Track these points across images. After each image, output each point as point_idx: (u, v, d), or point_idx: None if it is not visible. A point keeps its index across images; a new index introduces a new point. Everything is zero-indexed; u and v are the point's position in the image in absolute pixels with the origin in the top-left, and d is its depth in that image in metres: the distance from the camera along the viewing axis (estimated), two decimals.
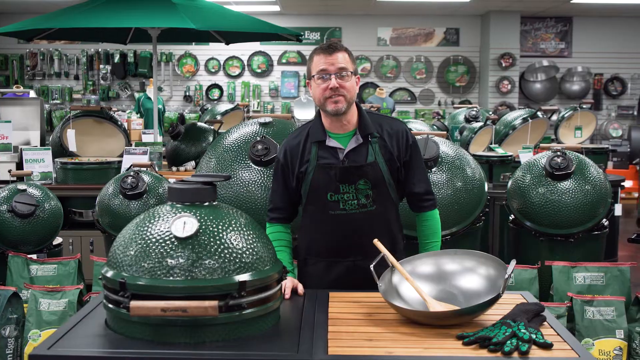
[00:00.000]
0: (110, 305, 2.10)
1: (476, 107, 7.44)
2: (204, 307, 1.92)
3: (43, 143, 6.64)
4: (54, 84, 12.77)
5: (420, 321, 2.19)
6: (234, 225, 2.14)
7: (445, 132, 4.62)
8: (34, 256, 3.93)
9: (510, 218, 4.36)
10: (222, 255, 2.05)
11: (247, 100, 12.76)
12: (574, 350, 1.99)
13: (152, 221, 2.12)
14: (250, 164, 3.71)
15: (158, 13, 5.44)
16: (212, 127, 7.15)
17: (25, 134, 6.60)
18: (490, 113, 8.25)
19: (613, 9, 12.09)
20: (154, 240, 2.06)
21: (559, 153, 4.07)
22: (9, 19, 11.37)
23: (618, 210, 5.32)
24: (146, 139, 7.34)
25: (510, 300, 2.35)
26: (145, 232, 2.10)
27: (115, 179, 4.28)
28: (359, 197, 2.71)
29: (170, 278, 2.00)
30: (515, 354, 1.95)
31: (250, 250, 2.11)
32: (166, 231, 2.07)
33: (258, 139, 3.73)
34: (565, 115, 7.17)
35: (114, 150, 6.34)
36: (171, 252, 2.03)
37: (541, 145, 4.66)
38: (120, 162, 5.82)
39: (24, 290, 3.67)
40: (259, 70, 12.93)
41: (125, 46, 11.83)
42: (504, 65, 12.47)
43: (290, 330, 2.15)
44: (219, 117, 8.99)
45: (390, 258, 2.41)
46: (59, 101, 12.64)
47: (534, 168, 4.16)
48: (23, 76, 12.74)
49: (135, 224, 2.18)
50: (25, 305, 3.59)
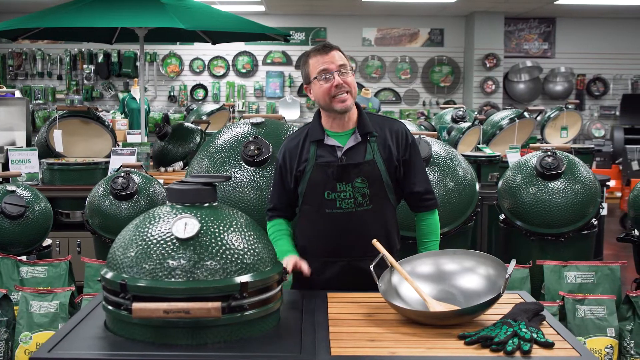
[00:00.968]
0: (110, 307, 2.09)
1: (463, 108, 7.48)
2: (207, 309, 1.91)
3: (29, 144, 6.58)
4: (36, 84, 12.67)
5: (421, 321, 2.19)
6: (234, 226, 2.13)
7: (436, 132, 4.64)
8: (24, 258, 3.89)
9: (500, 218, 4.38)
10: (224, 256, 2.04)
11: (232, 100, 12.73)
12: (575, 349, 2.00)
13: (153, 222, 2.11)
14: (243, 164, 3.69)
15: (147, 13, 5.41)
16: (199, 128, 7.13)
17: (10, 134, 6.55)
18: (475, 113, 8.30)
19: (596, 10, 12.20)
20: (154, 241, 2.05)
21: (549, 153, 4.10)
22: None
23: (604, 209, 5.37)
24: (131, 139, 7.30)
25: (508, 300, 2.36)
26: (145, 233, 2.08)
27: (105, 180, 4.25)
28: (355, 196, 2.70)
29: (172, 279, 1.98)
30: (517, 354, 1.95)
31: (252, 251, 2.11)
32: (167, 232, 2.06)
33: (250, 139, 3.71)
34: (552, 116, 7.22)
35: (101, 150, 6.29)
36: (172, 254, 2.02)
37: (531, 145, 4.69)
38: (107, 163, 5.77)
39: (14, 293, 3.64)
40: (243, 71, 12.91)
41: (110, 46, 11.76)
42: (488, 65, 12.54)
43: (291, 331, 2.15)
44: (204, 117, 8.97)
45: (390, 258, 2.41)
46: (41, 101, 12.54)
47: (525, 168, 4.18)
48: (5, 76, 12.62)
49: (135, 225, 2.16)
50: (15, 307, 3.56)
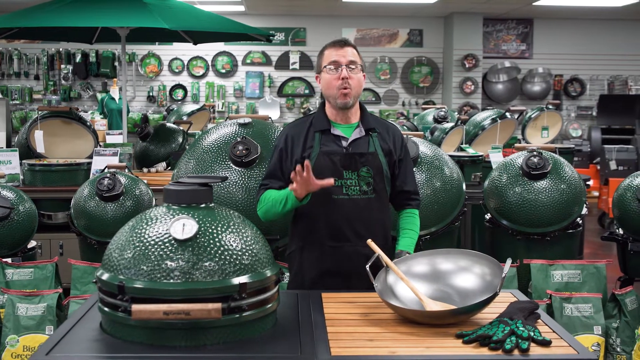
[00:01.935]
0: (106, 309, 2.07)
1: (444, 108, 7.51)
2: (207, 310, 1.91)
3: (9, 144, 6.50)
4: (13, 84, 12.51)
5: (418, 320, 2.20)
6: (232, 227, 2.13)
7: (422, 133, 4.66)
8: (9, 260, 3.84)
9: (486, 217, 4.40)
10: (223, 257, 2.03)
11: (212, 100, 12.67)
12: (572, 346, 2.02)
13: (150, 223, 2.10)
14: (231, 164, 3.68)
15: (130, 13, 5.37)
16: (182, 128, 7.10)
17: None
18: (456, 113, 8.34)
19: (572, 11, 12.32)
20: (152, 242, 2.03)
21: (535, 153, 4.13)
22: None
23: (584, 209, 5.42)
24: (110, 139, 7.23)
25: (501, 299, 2.37)
26: (142, 235, 2.07)
27: (90, 181, 4.21)
28: (360, 184, 2.81)
29: (171, 281, 1.97)
30: (515, 352, 1.97)
31: (249, 251, 2.10)
32: (165, 233, 2.05)
33: (238, 139, 3.71)
34: (532, 116, 7.28)
35: (83, 151, 6.23)
36: (171, 255, 2.00)
37: (516, 145, 4.72)
38: (89, 164, 5.72)
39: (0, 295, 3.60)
40: (223, 71, 12.86)
41: (88, 46, 11.65)
42: (467, 66, 12.61)
43: (289, 331, 2.15)
44: (185, 118, 8.93)
45: (385, 258, 2.42)
46: (18, 101, 12.39)
47: (511, 168, 4.21)
48: None
49: (131, 227, 2.15)
50: (1, 310, 3.52)
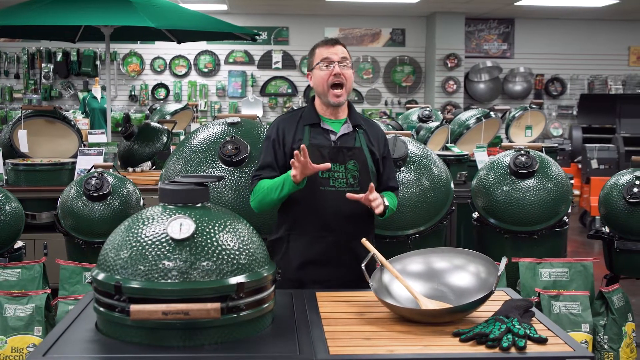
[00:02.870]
0: (102, 309, 2.06)
1: (429, 107, 7.54)
2: (207, 310, 1.90)
3: None
4: None
5: (414, 319, 2.21)
6: (229, 226, 2.12)
7: (410, 132, 4.67)
8: None
9: (474, 216, 4.43)
10: (220, 256, 2.02)
11: (194, 99, 12.62)
12: (567, 344, 2.04)
13: (146, 223, 2.09)
14: (220, 164, 3.67)
15: (115, 11, 5.34)
16: (166, 127, 7.07)
17: None
18: (439, 112, 8.37)
19: (553, 11, 12.41)
20: (149, 242, 2.02)
21: (522, 152, 4.16)
22: None
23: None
24: (93, 139, 7.18)
25: (495, 297, 2.38)
26: (139, 234, 2.06)
27: (77, 181, 4.18)
28: (347, 177, 2.89)
29: (169, 281, 1.96)
30: (512, 350, 1.98)
31: (247, 251, 2.10)
32: (162, 233, 2.03)
33: (228, 138, 3.70)
34: (516, 115, 7.33)
35: (67, 151, 6.18)
36: (168, 254, 1.99)
37: (502, 144, 4.76)
38: (74, 163, 5.68)
39: None
40: (205, 70, 12.81)
41: (69, 45, 11.57)
42: (449, 65, 12.67)
43: (286, 331, 2.14)
44: (168, 117, 8.89)
45: (380, 257, 2.42)
46: None
47: (498, 167, 4.24)
48: None
49: (127, 226, 2.14)
50: None
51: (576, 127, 11.97)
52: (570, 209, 4.31)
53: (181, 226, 2.03)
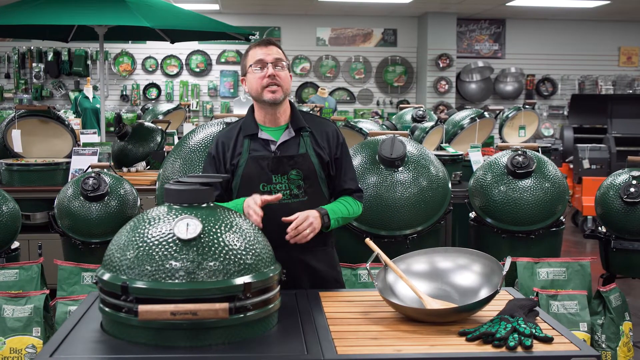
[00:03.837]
0: (107, 309, 2.05)
1: (422, 107, 7.55)
2: (215, 310, 1.90)
3: None
4: None
5: (419, 319, 2.22)
6: (235, 226, 2.12)
7: (407, 132, 4.68)
8: None
9: (471, 216, 4.44)
10: (227, 257, 2.02)
11: (186, 99, 12.60)
12: (573, 343, 2.05)
13: (152, 223, 2.08)
14: None
15: (110, 11, 5.32)
16: (160, 127, 7.05)
17: None
18: (432, 113, 8.39)
19: (543, 12, 12.47)
20: (156, 242, 2.02)
21: (519, 152, 4.17)
22: None
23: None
24: (85, 139, 7.15)
25: (498, 296, 2.38)
26: (145, 235, 2.05)
27: (74, 181, 4.16)
28: (291, 187, 2.75)
29: (176, 281, 1.96)
30: (519, 349, 1.99)
31: (253, 251, 2.10)
32: (168, 233, 2.03)
33: None
34: (510, 115, 7.36)
35: (61, 151, 6.15)
36: (175, 255, 1.99)
37: (499, 144, 4.77)
38: (68, 163, 5.66)
39: None
40: (197, 70, 12.79)
41: (61, 44, 11.54)
42: (441, 65, 12.70)
43: (292, 331, 2.14)
44: (161, 117, 8.87)
45: (384, 257, 2.42)
46: None
47: (495, 167, 4.25)
48: None
49: (132, 226, 2.13)
50: None
51: (567, 128, 12.02)
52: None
53: (188, 226, 2.02)
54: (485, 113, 6.60)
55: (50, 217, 4.21)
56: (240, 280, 2.01)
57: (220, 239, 2.05)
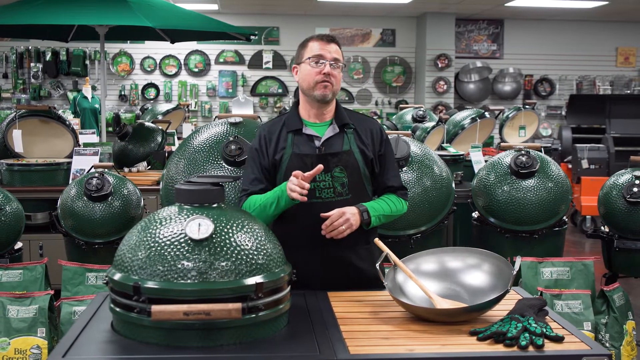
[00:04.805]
0: (118, 309, 2.05)
1: (422, 107, 7.56)
2: (228, 310, 1.90)
3: None
4: None
5: (430, 318, 2.22)
6: (246, 227, 2.12)
7: (410, 132, 4.69)
8: None
9: (474, 215, 4.45)
10: (238, 257, 2.02)
11: (185, 99, 12.58)
12: (584, 342, 2.05)
13: (163, 223, 2.08)
14: (223, 164, 3.66)
15: (112, 10, 5.32)
16: (160, 127, 7.04)
17: None
18: (432, 113, 8.39)
19: (542, 12, 12.48)
20: (168, 242, 2.02)
21: (523, 152, 4.19)
22: None
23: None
24: (84, 139, 7.14)
25: (506, 296, 2.40)
26: (156, 235, 2.05)
27: (78, 181, 4.16)
28: (335, 185, 2.70)
29: (188, 281, 1.96)
30: (530, 348, 2.00)
31: (264, 251, 2.10)
32: (180, 233, 2.03)
33: (231, 139, 3.69)
34: (510, 115, 7.37)
35: (62, 151, 6.14)
36: (187, 255, 1.99)
37: (502, 144, 4.79)
38: (69, 163, 5.65)
39: None
40: (196, 70, 12.77)
41: (60, 44, 11.53)
42: (440, 66, 12.70)
43: (303, 331, 2.14)
44: (160, 117, 8.87)
45: (393, 257, 2.43)
46: None
47: (499, 167, 4.26)
48: None
49: (143, 227, 2.13)
50: None
51: (566, 128, 12.03)
52: None
53: (200, 226, 2.02)
54: (486, 113, 6.61)
55: (54, 217, 4.21)
56: (252, 281, 2.01)
57: (232, 239, 2.05)
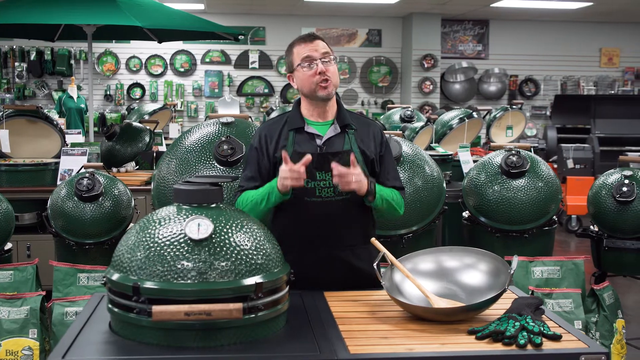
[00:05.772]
0: (117, 310, 2.04)
1: (410, 107, 7.57)
2: (229, 310, 1.90)
3: None
4: None
5: (428, 317, 2.23)
6: (245, 227, 2.11)
7: (401, 132, 4.70)
8: None
9: (464, 215, 4.47)
10: (238, 257, 2.02)
11: (171, 99, 12.53)
12: (581, 340, 2.07)
13: (162, 223, 2.07)
14: (215, 164, 3.66)
15: (100, 10, 5.29)
16: (148, 127, 7.01)
17: None
18: (419, 113, 8.41)
19: (527, 13, 12.56)
20: (167, 243, 2.01)
21: (513, 152, 4.21)
22: None
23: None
24: (70, 139, 7.10)
25: (502, 295, 2.41)
26: (155, 235, 2.04)
27: (68, 181, 4.13)
28: (335, 185, 2.67)
29: (188, 281, 1.95)
30: (529, 347, 2.01)
31: (263, 251, 2.10)
32: (179, 233, 2.02)
33: (223, 139, 3.68)
34: (497, 115, 7.41)
35: (49, 151, 6.10)
36: (187, 255, 1.98)
37: (492, 145, 4.81)
38: (57, 164, 5.62)
39: None
40: (182, 70, 12.73)
41: (44, 43, 11.46)
42: (426, 66, 12.74)
43: (301, 331, 2.14)
44: (147, 117, 8.83)
45: (390, 257, 2.43)
46: None
47: (489, 167, 4.28)
48: None
49: (141, 227, 2.12)
50: None
51: (551, 128, 12.11)
52: None
53: (199, 226, 2.02)
54: (474, 113, 6.64)
55: (44, 218, 4.18)
56: (251, 281, 2.01)
57: (231, 239, 2.05)
